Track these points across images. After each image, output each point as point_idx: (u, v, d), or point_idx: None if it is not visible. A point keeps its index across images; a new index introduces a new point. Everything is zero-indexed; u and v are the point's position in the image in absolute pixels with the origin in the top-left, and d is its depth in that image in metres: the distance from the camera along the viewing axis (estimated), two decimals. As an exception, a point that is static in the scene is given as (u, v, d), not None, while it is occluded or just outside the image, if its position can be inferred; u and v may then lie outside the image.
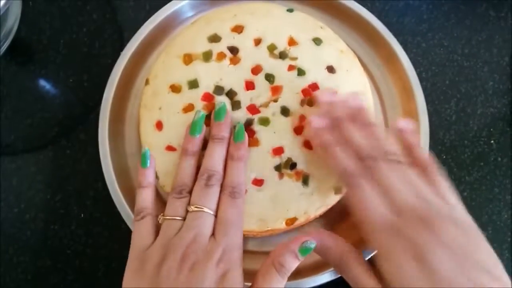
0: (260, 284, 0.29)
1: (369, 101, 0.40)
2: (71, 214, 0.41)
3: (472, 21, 0.50)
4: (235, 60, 0.39)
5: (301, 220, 0.36)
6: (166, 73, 0.39)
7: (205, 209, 0.32)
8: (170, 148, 0.37)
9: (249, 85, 0.38)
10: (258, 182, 0.36)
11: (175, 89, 0.38)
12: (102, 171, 0.38)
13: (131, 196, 0.37)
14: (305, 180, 0.36)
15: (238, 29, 0.40)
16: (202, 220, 0.31)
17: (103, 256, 0.41)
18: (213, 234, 0.31)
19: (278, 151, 0.36)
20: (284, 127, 0.37)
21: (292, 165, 0.36)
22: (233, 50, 0.39)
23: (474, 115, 0.46)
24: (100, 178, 0.39)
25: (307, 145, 0.37)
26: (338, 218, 0.39)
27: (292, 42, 0.40)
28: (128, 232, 0.37)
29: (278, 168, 0.36)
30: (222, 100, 0.37)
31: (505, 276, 0.28)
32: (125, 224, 0.37)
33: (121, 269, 0.41)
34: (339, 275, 0.33)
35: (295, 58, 0.39)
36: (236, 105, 0.38)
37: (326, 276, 0.36)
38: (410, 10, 0.50)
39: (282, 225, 0.36)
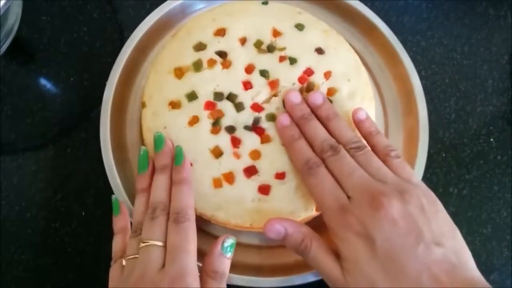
0: None
1: (363, 75, 0.40)
2: (72, 212, 0.41)
3: (471, 19, 0.50)
4: (226, 64, 0.39)
5: None
6: (161, 91, 0.39)
7: (151, 242, 0.32)
8: None
9: (247, 85, 0.38)
10: (280, 176, 0.36)
11: (175, 105, 0.38)
12: (102, 170, 0.38)
13: (133, 194, 0.37)
14: None
15: (221, 32, 0.40)
16: (150, 254, 0.31)
17: (104, 254, 0.41)
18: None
19: None
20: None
21: None
22: (222, 54, 0.39)
23: (474, 114, 0.46)
24: (101, 177, 0.39)
25: None
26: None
27: (276, 33, 0.40)
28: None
29: None
30: (224, 105, 0.38)
31: (459, 244, 0.30)
32: (126, 222, 0.37)
33: (122, 267, 0.41)
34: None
35: (283, 48, 0.39)
36: (239, 107, 0.38)
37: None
38: (410, 9, 0.50)
39: (313, 212, 0.36)
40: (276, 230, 0.33)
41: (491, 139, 0.45)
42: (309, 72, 0.39)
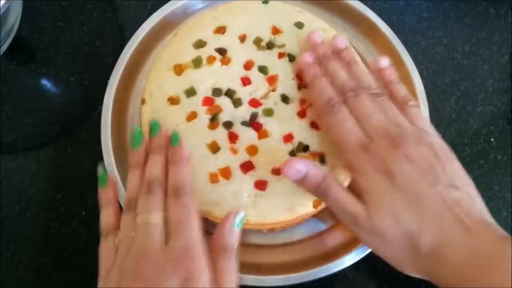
0: (217, 277, 0.29)
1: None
2: (72, 212, 0.41)
3: (472, 19, 0.50)
4: (225, 61, 0.39)
5: None
6: (161, 88, 0.39)
7: (151, 219, 0.30)
8: None
9: (245, 81, 0.39)
10: (277, 171, 0.36)
11: (173, 101, 0.38)
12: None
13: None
14: (321, 159, 0.36)
15: (221, 30, 0.40)
16: (149, 230, 0.30)
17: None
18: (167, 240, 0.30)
19: (288, 137, 0.37)
20: (288, 113, 0.38)
21: (304, 148, 0.37)
22: (221, 51, 0.39)
23: (474, 113, 0.46)
24: (101, 176, 0.39)
25: (314, 126, 0.38)
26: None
27: (275, 31, 0.41)
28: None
29: (292, 153, 0.37)
30: (223, 101, 0.38)
31: (473, 192, 0.31)
32: (126, 222, 0.37)
33: (122, 267, 0.41)
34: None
35: (282, 45, 0.40)
36: (237, 102, 0.38)
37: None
38: (410, 9, 0.50)
39: (310, 208, 0.36)
40: (296, 169, 0.32)
41: (492, 139, 0.45)
42: None
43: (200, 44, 0.40)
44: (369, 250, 0.36)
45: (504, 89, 0.47)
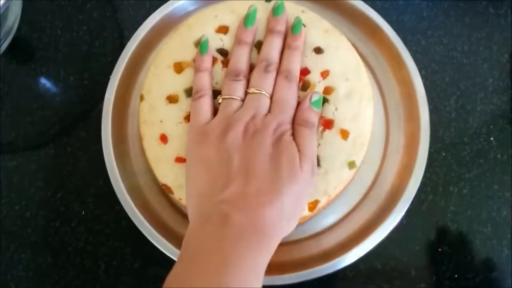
0: (301, 148, 0.33)
1: (362, 75, 0.39)
2: (72, 211, 0.41)
3: (472, 18, 0.50)
4: (227, 62, 0.38)
5: (322, 201, 0.36)
6: (160, 85, 0.38)
7: (264, 92, 0.34)
8: (180, 160, 0.36)
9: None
10: None
11: (172, 99, 0.38)
12: (103, 169, 0.38)
13: (135, 193, 0.37)
14: (316, 162, 0.36)
15: (223, 29, 0.40)
16: (261, 101, 0.34)
17: (104, 253, 0.41)
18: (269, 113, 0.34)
19: None
20: None
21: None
22: (223, 52, 0.39)
23: (474, 112, 0.46)
24: (101, 176, 0.39)
25: None
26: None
27: None
28: (129, 229, 0.38)
29: None
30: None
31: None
32: (126, 221, 0.37)
33: (122, 266, 0.41)
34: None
35: None
36: None
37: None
38: (410, 8, 0.50)
39: (305, 212, 0.36)
40: None
41: (491, 138, 0.45)
42: (305, 71, 0.38)
43: None
44: (367, 250, 0.36)
45: (504, 88, 0.47)
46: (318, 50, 0.39)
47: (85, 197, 0.42)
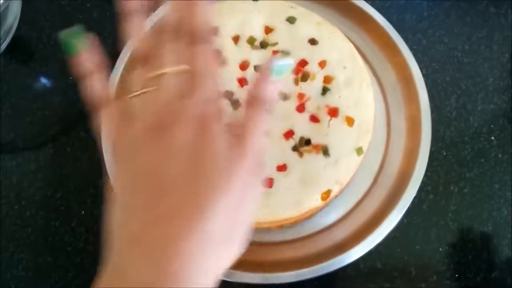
0: (245, 137, 0.24)
1: (358, 61, 0.40)
2: (72, 211, 0.41)
3: (472, 18, 0.50)
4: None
5: (335, 190, 0.36)
6: None
7: (167, 69, 0.25)
8: None
9: (242, 82, 0.39)
10: (282, 168, 0.36)
11: None
12: (102, 169, 0.38)
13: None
14: (325, 151, 0.37)
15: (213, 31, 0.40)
16: (168, 81, 0.25)
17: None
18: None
19: (289, 134, 0.37)
20: (287, 110, 0.38)
21: (306, 142, 0.37)
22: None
23: (475, 112, 0.46)
24: (100, 176, 0.39)
25: (313, 119, 0.38)
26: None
27: (268, 30, 0.41)
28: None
29: (295, 148, 0.37)
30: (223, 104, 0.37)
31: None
32: (126, 221, 0.37)
33: (121, 266, 0.41)
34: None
35: (275, 44, 0.40)
36: (236, 103, 0.38)
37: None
38: (411, 7, 0.50)
39: (318, 202, 0.36)
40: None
41: (492, 137, 0.45)
42: (303, 63, 0.39)
43: None
44: (368, 249, 0.36)
45: (504, 88, 0.47)
46: (313, 42, 0.40)
47: (85, 197, 0.42)
